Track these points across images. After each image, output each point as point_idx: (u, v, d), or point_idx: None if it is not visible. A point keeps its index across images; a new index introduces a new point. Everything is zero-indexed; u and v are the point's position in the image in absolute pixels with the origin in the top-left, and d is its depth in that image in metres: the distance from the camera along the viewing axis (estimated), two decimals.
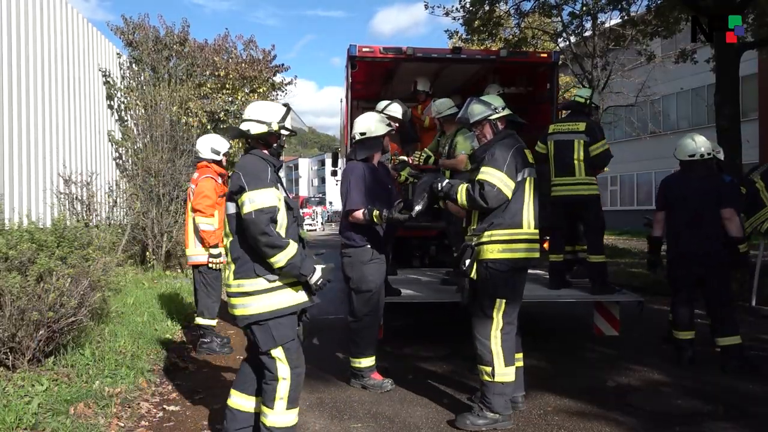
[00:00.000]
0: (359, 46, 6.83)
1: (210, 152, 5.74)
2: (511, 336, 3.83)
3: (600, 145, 5.73)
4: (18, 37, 7.95)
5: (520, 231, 3.77)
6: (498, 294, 3.74)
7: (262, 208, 2.97)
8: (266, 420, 3.11)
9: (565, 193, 5.76)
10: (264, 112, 3.24)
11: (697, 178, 5.14)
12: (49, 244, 4.51)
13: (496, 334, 3.75)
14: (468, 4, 15.59)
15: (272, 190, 3.05)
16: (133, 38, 12.08)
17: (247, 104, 12.94)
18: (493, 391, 3.72)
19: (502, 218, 3.76)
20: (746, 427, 3.80)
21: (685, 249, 5.12)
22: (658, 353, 5.58)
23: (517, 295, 3.85)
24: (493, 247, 3.75)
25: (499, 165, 3.71)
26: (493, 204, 3.70)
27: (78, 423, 3.50)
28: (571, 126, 5.81)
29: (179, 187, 10.11)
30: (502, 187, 3.69)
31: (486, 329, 3.77)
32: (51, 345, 4.31)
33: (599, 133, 5.83)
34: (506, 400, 3.78)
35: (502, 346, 3.74)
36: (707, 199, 5.06)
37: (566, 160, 5.73)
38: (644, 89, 19.99)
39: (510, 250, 3.75)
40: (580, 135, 5.71)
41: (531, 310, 7.75)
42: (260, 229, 2.95)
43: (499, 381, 3.71)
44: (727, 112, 9.85)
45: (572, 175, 5.70)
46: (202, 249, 5.62)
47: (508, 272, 3.75)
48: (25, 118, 8.10)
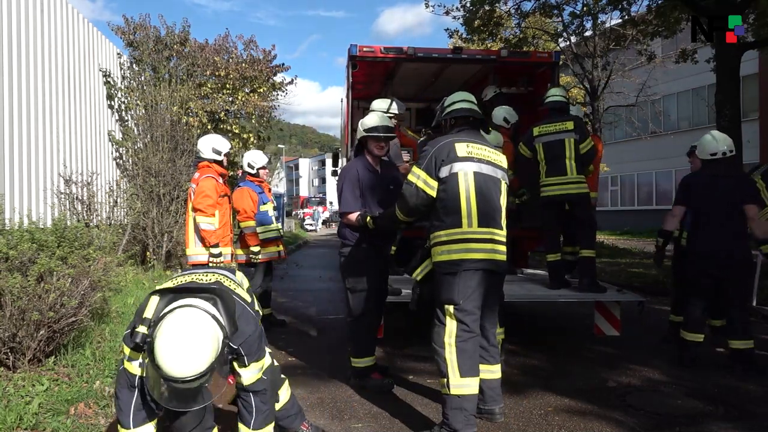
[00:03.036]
0: (360, 46, 6.83)
1: (211, 152, 5.75)
2: (470, 345, 3.49)
3: (588, 141, 5.82)
4: (18, 37, 7.96)
5: (458, 230, 3.52)
6: (443, 298, 3.53)
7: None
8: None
9: (558, 192, 5.79)
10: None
11: (721, 176, 5.05)
12: (49, 244, 4.51)
13: (450, 341, 3.46)
14: (468, 4, 15.62)
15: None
16: (134, 38, 12.09)
17: (247, 104, 13.06)
18: (450, 405, 3.39)
19: (439, 219, 3.60)
20: (746, 427, 3.79)
21: (707, 249, 5.02)
22: (659, 353, 5.58)
23: (469, 300, 3.49)
24: (437, 249, 3.59)
25: (420, 163, 3.62)
26: (412, 202, 3.61)
27: (78, 423, 3.51)
28: (558, 126, 5.82)
29: (180, 187, 10.11)
30: (422, 185, 3.56)
31: (439, 337, 3.51)
32: (51, 345, 4.31)
33: (586, 131, 5.92)
34: (466, 416, 3.38)
35: (457, 354, 3.43)
36: (730, 198, 4.96)
37: (558, 161, 5.76)
38: (645, 89, 20.00)
39: (448, 252, 3.53)
40: (570, 134, 5.75)
41: (531, 310, 7.78)
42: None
43: (455, 394, 3.38)
44: (727, 112, 9.86)
45: (564, 174, 5.74)
46: (202, 249, 5.62)
47: (450, 275, 3.51)
48: (26, 118, 8.10)
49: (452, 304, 3.49)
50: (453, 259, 3.52)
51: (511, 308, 6.51)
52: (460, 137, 3.68)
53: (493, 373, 3.79)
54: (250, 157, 6.66)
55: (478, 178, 3.57)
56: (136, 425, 2.58)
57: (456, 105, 3.87)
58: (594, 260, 5.91)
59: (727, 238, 4.95)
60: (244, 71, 13.03)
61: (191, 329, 2.31)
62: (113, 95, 11.22)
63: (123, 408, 2.57)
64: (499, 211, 3.66)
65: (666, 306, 7.17)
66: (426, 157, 3.63)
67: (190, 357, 2.26)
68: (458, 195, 3.54)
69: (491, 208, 3.60)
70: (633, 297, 5.78)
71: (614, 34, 17.90)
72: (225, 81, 12.83)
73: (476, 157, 3.61)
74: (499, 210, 3.65)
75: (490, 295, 3.66)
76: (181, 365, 2.24)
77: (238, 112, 13.46)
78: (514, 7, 16.69)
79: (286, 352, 5.64)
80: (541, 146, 5.88)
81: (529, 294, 5.91)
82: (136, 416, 2.58)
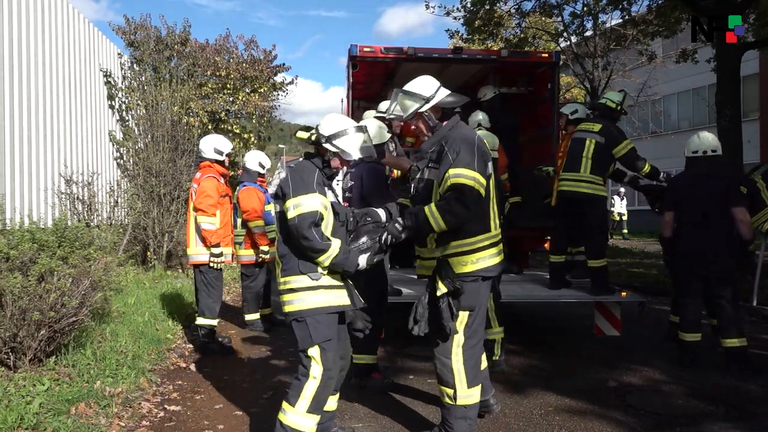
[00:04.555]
0: (360, 46, 6.83)
1: (213, 152, 5.76)
2: (477, 351, 3.37)
3: (623, 146, 5.67)
4: (19, 37, 7.97)
5: (490, 234, 3.31)
6: (463, 305, 3.25)
7: (303, 213, 3.05)
8: (284, 417, 3.10)
9: (568, 188, 5.71)
10: (329, 123, 3.25)
11: (702, 175, 5.08)
12: (50, 244, 4.51)
13: (458, 351, 3.27)
14: (469, 4, 15.61)
15: (315, 196, 3.09)
16: (135, 38, 12.11)
17: (248, 104, 13.07)
18: (455, 414, 3.28)
19: (472, 223, 3.24)
20: (747, 427, 3.79)
21: (692, 249, 5.05)
22: (659, 353, 5.58)
23: (482, 306, 3.38)
24: (467, 258, 3.25)
25: (470, 163, 3.15)
26: (473, 208, 3.16)
27: (79, 423, 3.51)
28: (588, 126, 5.83)
29: (180, 187, 10.12)
30: (479, 188, 3.16)
31: (446, 346, 3.29)
32: (52, 345, 4.32)
33: (620, 135, 5.76)
34: (470, 424, 3.31)
35: (464, 364, 3.26)
36: (714, 197, 4.97)
37: (574, 156, 5.72)
38: (645, 89, 19.99)
39: (488, 257, 3.30)
40: (593, 135, 5.70)
41: (531, 310, 7.78)
42: (302, 233, 3.03)
43: (461, 404, 3.26)
44: (728, 112, 9.85)
45: (576, 171, 5.66)
46: (203, 248, 5.62)
47: (481, 281, 3.31)
48: (27, 118, 8.11)
49: (471, 310, 3.29)
50: (491, 265, 3.30)
51: (511, 308, 6.52)
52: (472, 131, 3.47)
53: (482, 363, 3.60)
54: (259, 157, 6.78)
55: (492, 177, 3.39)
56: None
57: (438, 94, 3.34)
58: (605, 269, 5.70)
59: (711, 237, 4.96)
60: (244, 71, 13.05)
61: None
62: (114, 95, 11.23)
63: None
64: None
65: (666, 306, 7.17)
66: (473, 156, 3.17)
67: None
68: (489, 196, 3.30)
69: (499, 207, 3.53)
70: (634, 297, 5.78)
71: (615, 34, 17.88)
72: (225, 81, 12.85)
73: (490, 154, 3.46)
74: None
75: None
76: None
77: (238, 112, 13.48)
78: (515, 7, 16.69)
79: (288, 352, 5.64)
80: (570, 142, 5.91)
81: (529, 294, 5.91)
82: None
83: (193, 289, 5.99)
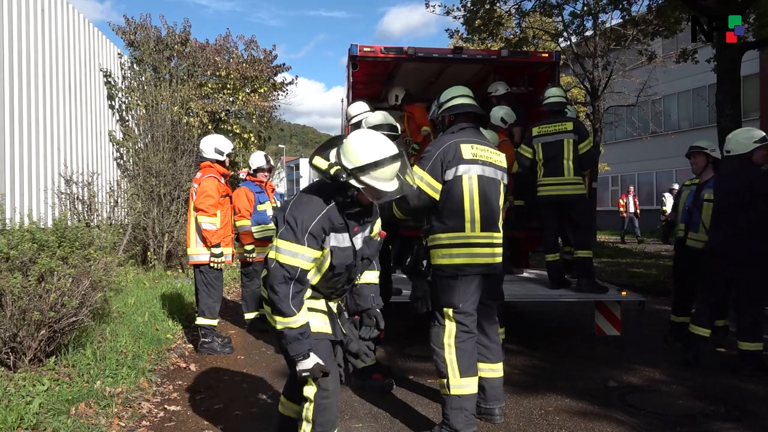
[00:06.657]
0: (360, 46, 6.82)
1: (214, 152, 5.77)
2: (469, 345, 3.52)
3: (587, 143, 5.83)
4: (19, 37, 7.97)
5: (461, 234, 3.51)
6: (442, 301, 3.52)
7: (282, 263, 2.58)
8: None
9: (554, 192, 5.82)
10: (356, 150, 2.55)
11: (729, 174, 5.05)
12: (50, 244, 4.51)
13: (450, 342, 3.47)
14: (469, 4, 15.61)
15: (304, 250, 2.58)
16: (135, 38, 12.10)
17: (248, 104, 13.07)
18: (450, 405, 3.42)
19: (440, 221, 3.55)
20: (747, 427, 3.79)
21: (717, 246, 5.01)
22: (659, 353, 5.58)
23: (468, 303, 3.52)
24: (437, 251, 3.54)
25: (424, 164, 3.54)
26: (413, 203, 3.55)
27: (79, 423, 3.51)
28: (558, 126, 5.86)
29: (180, 187, 10.12)
30: (425, 187, 3.50)
31: (438, 338, 3.53)
32: (52, 345, 4.32)
33: (585, 132, 5.93)
34: (466, 416, 3.41)
35: (456, 355, 3.44)
36: (739, 195, 4.88)
37: (556, 161, 5.79)
38: (645, 89, 19.99)
39: (449, 255, 3.51)
40: (569, 134, 5.78)
41: (531, 310, 7.78)
42: (272, 283, 2.59)
43: (455, 394, 3.40)
44: (728, 111, 9.84)
45: (561, 175, 5.77)
46: (203, 248, 5.63)
47: (451, 279, 3.50)
48: (27, 118, 8.11)
49: (452, 308, 3.50)
50: (455, 263, 3.51)
51: (512, 308, 6.52)
52: (464, 137, 3.63)
53: (495, 372, 3.78)
54: (253, 158, 6.89)
55: (481, 182, 3.56)
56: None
57: (455, 100, 3.81)
58: (590, 261, 5.89)
59: (737, 236, 4.86)
60: (244, 71, 13.04)
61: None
62: (114, 95, 11.23)
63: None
64: (498, 214, 3.67)
65: (666, 306, 7.17)
66: (430, 158, 3.55)
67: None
68: (462, 198, 3.51)
69: (492, 212, 3.60)
70: (634, 297, 5.78)
71: (615, 33, 17.87)
72: (226, 81, 12.84)
73: (480, 159, 3.59)
74: (498, 213, 3.66)
75: (488, 296, 3.68)
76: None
77: (238, 112, 13.48)
78: (515, 7, 16.69)
79: None
80: (540, 146, 5.91)
81: (529, 294, 5.91)
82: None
83: (193, 289, 5.99)
